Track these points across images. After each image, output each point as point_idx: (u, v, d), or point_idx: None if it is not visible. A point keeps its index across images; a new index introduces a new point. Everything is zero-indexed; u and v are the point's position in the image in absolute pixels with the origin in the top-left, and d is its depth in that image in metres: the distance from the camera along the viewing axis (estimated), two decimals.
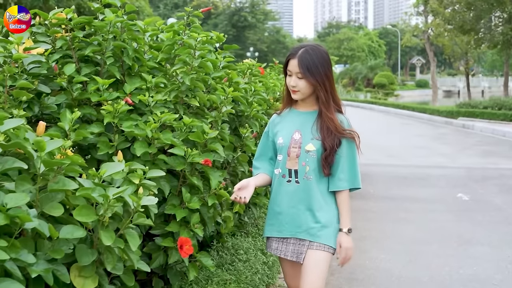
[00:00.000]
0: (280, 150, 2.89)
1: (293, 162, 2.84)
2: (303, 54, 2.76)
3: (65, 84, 3.15)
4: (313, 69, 2.75)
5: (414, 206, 7.93)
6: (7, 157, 2.21)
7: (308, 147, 2.81)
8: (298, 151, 2.84)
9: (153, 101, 3.20)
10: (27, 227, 2.08)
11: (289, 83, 2.84)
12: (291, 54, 2.82)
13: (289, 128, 2.91)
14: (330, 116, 2.81)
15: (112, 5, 3.52)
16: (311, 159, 2.81)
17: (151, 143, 3.04)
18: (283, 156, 2.87)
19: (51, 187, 2.31)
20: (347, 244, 2.83)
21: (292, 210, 2.85)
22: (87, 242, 2.43)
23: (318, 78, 2.76)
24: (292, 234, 2.86)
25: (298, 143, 2.84)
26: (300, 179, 2.83)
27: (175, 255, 3.03)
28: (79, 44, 3.42)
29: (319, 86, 2.77)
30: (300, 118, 2.92)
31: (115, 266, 2.42)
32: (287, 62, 2.84)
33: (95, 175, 2.46)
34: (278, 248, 2.92)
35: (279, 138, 2.91)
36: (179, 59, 3.42)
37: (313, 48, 2.81)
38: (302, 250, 2.84)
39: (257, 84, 4.39)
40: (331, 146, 2.78)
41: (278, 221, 2.90)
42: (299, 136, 2.86)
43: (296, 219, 2.84)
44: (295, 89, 2.82)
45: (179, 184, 3.19)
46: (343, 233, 2.85)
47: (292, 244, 2.88)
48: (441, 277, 5.01)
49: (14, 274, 1.99)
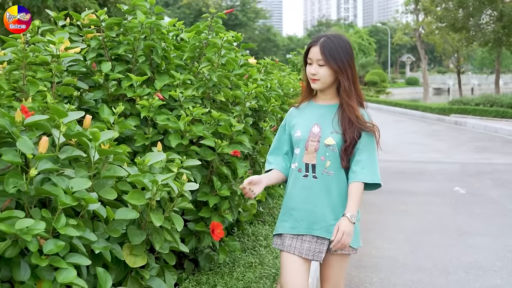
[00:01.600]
0: (298, 143, 2.76)
1: (310, 156, 2.71)
2: (326, 40, 2.66)
3: (102, 80, 3.38)
4: (336, 55, 2.63)
5: (413, 199, 8.20)
6: (67, 147, 2.43)
7: (328, 141, 2.69)
8: (317, 145, 2.70)
9: (183, 96, 3.43)
10: (90, 209, 2.32)
11: (309, 71, 2.71)
12: (312, 42, 2.72)
13: (307, 121, 2.78)
14: (352, 105, 2.68)
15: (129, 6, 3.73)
16: (332, 154, 2.69)
17: (183, 135, 3.27)
18: (301, 150, 2.74)
19: (104, 174, 2.54)
20: (345, 228, 2.58)
21: (308, 206, 2.71)
22: (135, 224, 2.66)
23: (341, 64, 2.64)
24: (308, 231, 2.71)
25: (317, 136, 2.71)
26: (318, 174, 2.70)
27: (207, 239, 3.27)
28: (111, 43, 3.64)
29: (341, 73, 2.65)
30: (319, 111, 2.79)
31: (162, 246, 2.65)
32: (307, 51, 2.73)
33: (140, 163, 2.69)
34: (292, 245, 2.73)
35: (297, 131, 2.78)
36: (206, 57, 3.65)
37: (335, 36, 2.72)
38: (321, 249, 2.70)
39: (273, 80, 4.64)
40: (351, 138, 2.66)
41: (292, 217, 2.76)
42: (318, 130, 2.72)
43: (312, 215, 2.71)
44: (315, 78, 2.69)
45: (208, 173, 3.43)
46: (345, 217, 2.61)
47: (308, 242, 2.72)
48: (443, 264, 5.27)
49: (80, 250, 2.23)
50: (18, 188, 2.09)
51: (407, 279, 4.88)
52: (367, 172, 2.69)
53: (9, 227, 1.91)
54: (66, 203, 2.12)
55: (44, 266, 2.03)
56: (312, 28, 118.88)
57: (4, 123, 2.22)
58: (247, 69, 4.11)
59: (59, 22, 3.78)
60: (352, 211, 2.64)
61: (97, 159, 2.52)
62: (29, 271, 2.07)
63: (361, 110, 2.76)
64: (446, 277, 4.94)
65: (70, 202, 2.15)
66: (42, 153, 2.15)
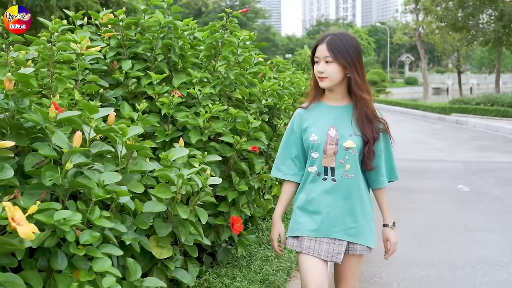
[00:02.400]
0: (315, 147, 2.70)
1: (329, 159, 2.67)
2: (332, 37, 2.64)
3: (122, 78, 3.46)
4: (343, 51, 2.61)
5: (418, 196, 8.29)
6: (96, 142, 2.52)
7: (347, 144, 2.66)
8: (335, 148, 2.66)
9: (201, 94, 3.52)
10: (120, 201, 2.40)
11: (316, 70, 2.68)
12: (319, 40, 2.70)
13: (322, 124, 2.72)
14: (366, 98, 2.68)
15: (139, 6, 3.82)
16: (352, 157, 2.66)
17: (202, 132, 3.35)
18: (319, 154, 2.70)
19: (130, 168, 2.63)
20: (395, 239, 2.83)
21: (327, 209, 2.69)
22: (160, 217, 2.74)
23: (349, 60, 2.62)
24: (326, 234, 2.69)
25: (335, 139, 2.67)
26: (338, 177, 2.67)
27: (226, 233, 3.35)
28: (129, 42, 3.72)
29: (350, 68, 2.62)
30: (333, 113, 2.74)
31: (187, 238, 2.74)
32: (314, 50, 2.71)
33: (164, 158, 2.77)
34: (311, 247, 2.71)
35: (312, 135, 2.72)
36: (223, 56, 3.73)
37: (342, 33, 2.69)
38: (340, 250, 2.69)
39: (285, 79, 4.72)
40: (372, 137, 2.66)
41: (311, 219, 2.73)
42: (334, 133, 2.68)
43: (332, 219, 2.68)
44: (323, 76, 2.65)
45: (226, 169, 3.51)
46: (389, 228, 2.84)
47: (326, 244, 2.69)
48: (451, 259, 5.36)
49: (112, 241, 2.31)
50: (54, 181, 2.17)
51: (416, 273, 4.97)
52: (387, 173, 2.84)
53: (48, 218, 1.99)
54: (100, 195, 2.20)
55: (81, 255, 2.12)
56: (311, 28, 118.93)
57: (37, 119, 2.30)
58: (261, 68, 4.19)
59: (77, 21, 3.85)
60: (390, 218, 2.87)
61: (124, 154, 2.61)
62: (66, 260, 2.15)
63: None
64: (454, 272, 5.03)
65: (103, 195, 2.23)
66: (76, 147, 2.23)
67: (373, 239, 2.79)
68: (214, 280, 3.28)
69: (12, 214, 1.79)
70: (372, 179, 2.81)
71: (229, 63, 3.74)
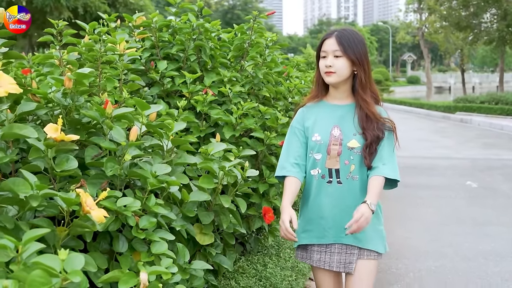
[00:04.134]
0: (318, 148, 2.62)
1: (333, 161, 2.58)
2: (341, 31, 2.58)
3: (158, 78, 3.66)
4: (353, 46, 2.54)
5: (427, 192, 8.49)
6: (147, 136, 2.73)
7: (351, 144, 2.57)
8: (339, 149, 2.57)
9: (232, 92, 3.72)
10: (171, 191, 2.60)
11: (324, 65, 2.58)
12: (327, 34, 2.63)
13: (325, 123, 2.64)
14: (366, 100, 2.59)
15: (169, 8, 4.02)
16: (356, 157, 2.57)
17: (235, 128, 3.56)
18: (322, 155, 2.61)
19: (175, 161, 2.84)
20: (363, 211, 2.40)
21: (335, 213, 2.59)
22: (202, 206, 2.95)
23: (358, 56, 2.54)
24: (336, 239, 2.61)
25: (339, 139, 2.58)
26: (343, 179, 2.58)
27: (258, 223, 3.56)
28: (162, 43, 3.93)
29: (358, 65, 2.55)
30: (337, 112, 2.66)
31: (228, 226, 2.94)
32: (321, 44, 2.62)
33: (204, 151, 2.98)
34: (321, 259, 2.64)
35: (314, 135, 2.64)
36: (251, 56, 3.94)
37: (349, 29, 2.64)
38: (351, 259, 2.61)
39: (306, 78, 4.94)
40: (372, 135, 2.54)
41: (319, 226, 2.64)
42: (338, 132, 2.60)
43: (340, 223, 2.56)
44: (330, 70, 2.55)
45: (257, 163, 3.72)
46: (364, 204, 2.44)
47: (337, 254, 2.62)
48: (463, 251, 5.56)
49: (164, 227, 2.52)
50: (114, 172, 2.37)
51: (431, 264, 5.17)
52: (388, 167, 2.55)
53: (112, 204, 2.20)
54: (155, 184, 2.41)
55: (140, 239, 2.33)
56: (313, 27, 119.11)
57: (94, 115, 2.50)
58: (286, 67, 4.40)
59: (111, 23, 4.05)
60: (372, 199, 2.46)
61: (169, 148, 2.82)
62: (127, 243, 2.36)
63: (377, 107, 2.65)
64: (467, 263, 5.23)
65: (157, 184, 2.44)
66: (132, 141, 2.44)
67: (383, 244, 2.69)
68: (247, 266, 3.49)
69: (85, 200, 1.99)
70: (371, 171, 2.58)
71: (257, 63, 3.94)
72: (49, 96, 2.55)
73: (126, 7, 22.51)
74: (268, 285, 3.30)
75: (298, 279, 3.69)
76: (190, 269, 2.60)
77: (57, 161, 2.23)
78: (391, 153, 2.62)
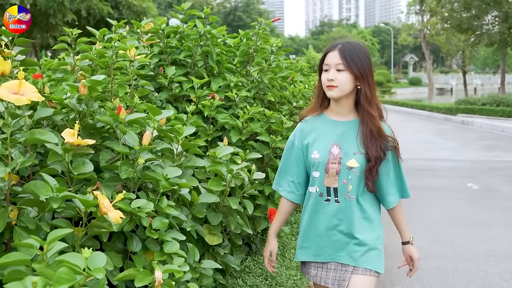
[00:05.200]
0: (317, 166, 2.55)
1: (332, 179, 2.52)
2: (345, 45, 2.50)
3: (166, 83, 3.77)
4: (357, 59, 2.46)
5: (429, 194, 8.59)
6: (158, 140, 2.84)
7: (351, 163, 2.50)
8: (338, 168, 2.51)
9: (238, 97, 3.83)
10: (182, 193, 2.71)
11: (326, 78, 2.50)
12: (330, 47, 2.55)
13: (325, 141, 2.57)
14: (373, 114, 2.51)
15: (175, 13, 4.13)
16: (354, 177, 2.50)
17: (241, 131, 3.67)
18: (321, 173, 2.55)
19: (185, 164, 2.94)
20: (418, 256, 2.74)
21: (332, 232, 2.55)
22: (210, 208, 3.06)
23: (362, 70, 2.46)
24: (333, 258, 2.57)
25: (338, 158, 2.52)
26: (341, 198, 2.53)
27: (263, 224, 3.66)
28: (170, 49, 4.04)
29: (362, 79, 2.47)
30: (337, 129, 2.58)
31: (236, 227, 3.05)
32: (323, 57, 2.56)
33: (212, 155, 3.09)
34: (318, 275, 2.62)
35: (313, 152, 2.57)
36: (256, 61, 4.05)
37: (354, 42, 2.56)
38: (345, 277, 2.56)
39: (310, 82, 5.05)
40: (376, 156, 2.49)
41: (315, 244, 2.61)
42: (338, 151, 2.53)
43: (336, 242, 2.55)
44: (333, 84, 2.46)
45: (262, 166, 3.82)
46: (410, 245, 2.73)
47: (333, 271, 2.58)
48: (464, 253, 5.67)
49: (175, 227, 2.62)
50: (128, 175, 2.48)
51: (432, 265, 5.27)
52: (397, 191, 2.65)
53: (126, 206, 2.30)
54: (167, 187, 2.52)
55: (153, 239, 2.43)
56: (314, 29, 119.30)
57: (108, 120, 2.61)
58: (290, 72, 4.51)
59: (119, 29, 4.16)
60: (409, 235, 2.74)
61: (179, 151, 2.93)
62: (141, 243, 2.47)
63: (382, 123, 2.58)
64: (467, 263, 5.33)
65: (169, 186, 2.55)
66: (145, 145, 2.55)
67: (381, 264, 2.59)
68: (254, 266, 3.60)
69: (102, 202, 2.10)
70: (382, 198, 2.64)
71: (262, 68, 4.05)
72: (65, 102, 2.65)
73: (129, 10, 22.57)
74: (274, 284, 3.41)
75: (303, 279, 3.80)
76: (200, 268, 2.71)
77: (74, 165, 2.34)
78: (399, 173, 2.63)
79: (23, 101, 2.04)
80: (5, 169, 1.99)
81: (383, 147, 2.52)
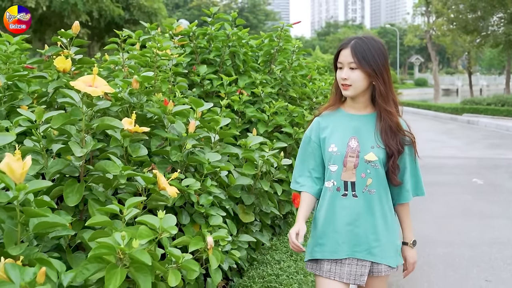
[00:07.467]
0: (334, 159, 2.50)
1: (349, 173, 2.47)
2: (357, 41, 2.44)
3: (198, 80, 4.17)
4: (369, 57, 2.41)
5: (435, 189, 8.95)
6: (199, 130, 3.22)
7: (369, 157, 2.46)
8: (356, 161, 2.46)
9: (263, 93, 4.22)
10: (221, 175, 3.10)
11: (339, 76, 2.48)
12: (342, 44, 2.49)
13: (342, 134, 2.53)
14: (390, 110, 2.47)
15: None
16: (374, 170, 2.46)
17: (267, 124, 4.05)
18: (338, 167, 2.49)
19: (221, 151, 3.33)
20: (414, 259, 2.64)
21: (349, 227, 2.48)
22: (244, 190, 3.44)
23: (375, 67, 2.41)
24: (349, 254, 2.49)
25: (356, 151, 2.47)
26: (359, 192, 2.47)
27: (287, 207, 4.05)
28: (201, 49, 4.43)
29: (376, 76, 2.42)
30: (354, 123, 2.54)
31: (267, 207, 3.44)
32: (337, 54, 2.52)
33: (244, 144, 3.47)
34: (332, 270, 2.51)
35: (331, 146, 2.52)
36: (279, 61, 4.44)
37: (367, 37, 2.49)
38: (363, 272, 2.49)
39: (327, 80, 5.44)
40: (397, 150, 2.46)
41: (332, 240, 2.51)
42: (356, 144, 2.48)
43: (354, 237, 2.48)
44: (346, 83, 2.44)
45: (286, 155, 4.21)
46: (409, 247, 2.63)
47: (347, 265, 2.50)
48: (470, 240, 6.04)
49: (216, 205, 3.01)
50: (177, 158, 2.87)
51: (440, 251, 5.65)
52: (413, 188, 2.63)
53: (177, 184, 2.68)
54: (210, 168, 2.91)
55: (200, 213, 2.82)
56: (321, 30, 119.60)
57: (157, 111, 3.00)
58: (309, 71, 4.91)
59: (151, 31, 4.55)
60: (411, 237, 2.64)
61: (216, 139, 3.31)
62: (189, 217, 2.85)
63: (399, 119, 2.54)
64: (472, 250, 5.70)
65: (212, 169, 2.93)
66: (191, 132, 2.93)
67: (397, 258, 2.58)
68: (280, 245, 3.99)
69: (161, 179, 2.48)
70: (396, 193, 2.60)
71: (285, 67, 4.44)
72: (118, 95, 3.03)
73: (140, 11, 23.02)
74: (299, 259, 3.79)
75: None
76: (237, 241, 3.10)
77: (131, 149, 2.72)
78: (416, 170, 2.63)
79: (97, 92, 2.42)
80: (82, 150, 2.38)
81: (401, 141, 2.49)
